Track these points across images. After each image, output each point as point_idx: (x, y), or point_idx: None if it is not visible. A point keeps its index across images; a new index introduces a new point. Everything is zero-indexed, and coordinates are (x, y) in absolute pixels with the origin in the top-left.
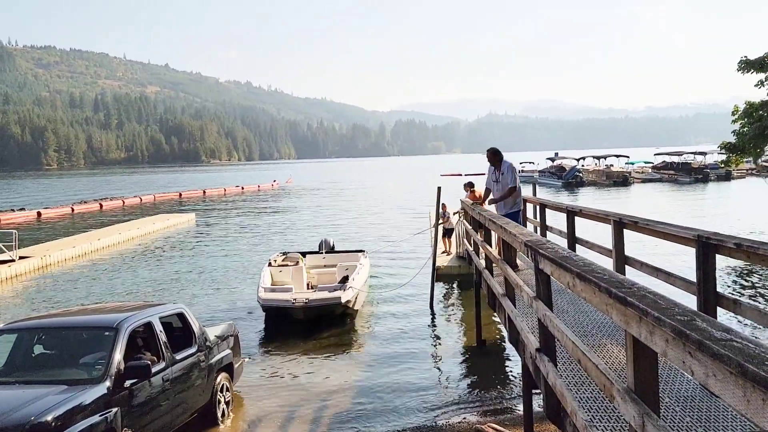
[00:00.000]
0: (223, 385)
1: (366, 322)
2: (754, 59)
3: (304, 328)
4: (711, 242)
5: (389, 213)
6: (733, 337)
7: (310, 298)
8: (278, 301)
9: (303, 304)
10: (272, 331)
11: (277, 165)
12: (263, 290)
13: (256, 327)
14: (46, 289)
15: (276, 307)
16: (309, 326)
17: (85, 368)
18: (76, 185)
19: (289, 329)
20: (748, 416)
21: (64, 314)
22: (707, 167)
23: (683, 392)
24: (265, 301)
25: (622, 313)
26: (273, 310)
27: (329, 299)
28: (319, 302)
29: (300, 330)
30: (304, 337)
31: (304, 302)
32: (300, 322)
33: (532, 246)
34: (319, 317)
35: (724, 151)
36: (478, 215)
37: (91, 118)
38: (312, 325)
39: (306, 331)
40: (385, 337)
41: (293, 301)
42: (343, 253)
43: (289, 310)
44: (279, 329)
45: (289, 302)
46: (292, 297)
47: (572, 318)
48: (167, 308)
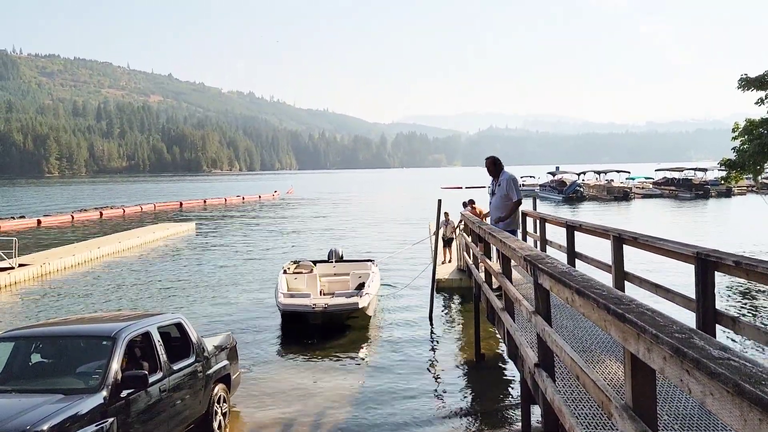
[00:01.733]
0: (220, 396)
1: (366, 334)
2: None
3: (310, 336)
4: (710, 259)
5: (390, 224)
6: (731, 355)
7: (329, 304)
8: (298, 306)
9: (322, 309)
10: (269, 343)
11: (279, 175)
12: (282, 296)
13: (254, 338)
14: (45, 297)
15: (296, 312)
16: (324, 332)
17: (82, 377)
18: (77, 193)
19: (290, 339)
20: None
21: (62, 323)
22: (708, 183)
23: (682, 410)
24: (285, 306)
25: (620, 330)
26: (292, 315)
27: (347, 305)
28: (338, 308)
29: (298, 341)
30: (302, 349)
31: (324, 307)
32: (316, 327)
33: (532, 261)
34: (335, 322)
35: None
36: (478, 228)
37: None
38: (327, 330)
39: (306, 341)
40: (383, 350)
41: (313, 306)
42: (353, 263)
43: (308, 315)
44: (278, 339)
45: (308, 307)
46: (312, 302)
47: (571, 333)
48: (165, 318)
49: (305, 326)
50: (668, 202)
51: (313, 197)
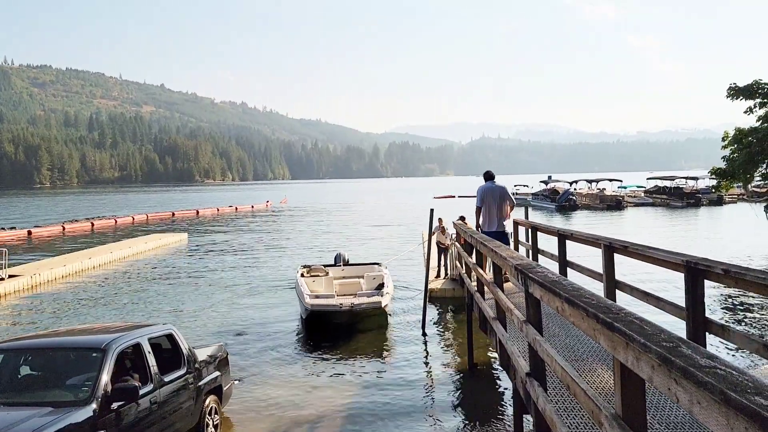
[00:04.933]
0: (212, 408)
1: (358, 344)
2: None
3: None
4: (699, 268)
5: (383, 233)
6: (718, 364)
7: (355, 303)
8: (326, 306)
9: (349, 308)
10: (263, 353)
11: (272, 185)
12: (308, 297)
13: (245, 348)
14: (36, 308)
15: (324, 311)
16: (346, 331)
17: (71, 390)
18: (68, 204)
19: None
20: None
21: (52, 335)
22: (699, 192)
23: (673, 419)
24: (314, 306)
25: (609, 339)
26: (319, 315)
27: (372, 303)
28: (364, 306)
29: (290, 352)
30: (294, 360)
31: (350, 306)
32: (339, 326)
33: (522, 270)
34: (358, 321)
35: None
36: (470, 238)
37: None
38: (351, 328)
39: (299, 351)
40: (376, 360)
41: (340, 306)
42: (360, 266)
43: (335, 314)
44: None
45: (336, 306)
46: (338, 302)
47: (563, 342)
48: (156, 329)
49: (327, 326)
50: (660, 210)
51: (306, 207)
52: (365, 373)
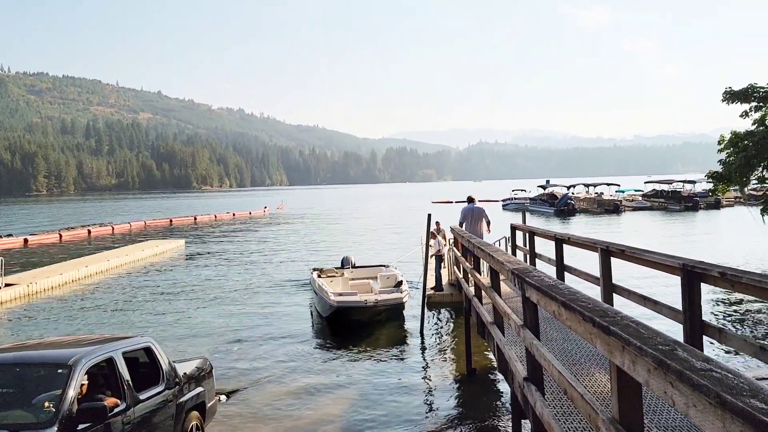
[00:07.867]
0: (193, 425)
1: (357, 349)
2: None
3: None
4: (696, 271)
5: (381, 238)
6: (713, 367)
7: (379, 300)
8: (352, 302)
9: (374, 304)
10: (261, 359)
11: (269, 191)
12: (332, 295)
13: (234, 360)
14: (32, 317)
15: (350, 307)
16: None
17: (33, 411)
18: (65, 211)
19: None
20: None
21: (17, 348)
22: (697, 195)
23: (670, 422)
24: (340, 303)
25: (605, 343)
26: (344, 312)
27: (394, 299)
28: (387, 303)
29: (289, 358)
30: (284, 369)
31: (375, 303)
32: (360, 323)
33: (519, 274)
34: (379, 317)
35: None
36: (467, 242)
37: (82, 145)
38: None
39: (298, 357)
40: (373, 366)
41: (365, 302)
42: (367, 268)
43: (360, 310)
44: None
45: (361, 303)
46: (363, 298)
47: (560, 346)
48: (132, 342)
49: (349, 323)
50: (658, 214)
51: (303, 213)
52: (361, 378)
